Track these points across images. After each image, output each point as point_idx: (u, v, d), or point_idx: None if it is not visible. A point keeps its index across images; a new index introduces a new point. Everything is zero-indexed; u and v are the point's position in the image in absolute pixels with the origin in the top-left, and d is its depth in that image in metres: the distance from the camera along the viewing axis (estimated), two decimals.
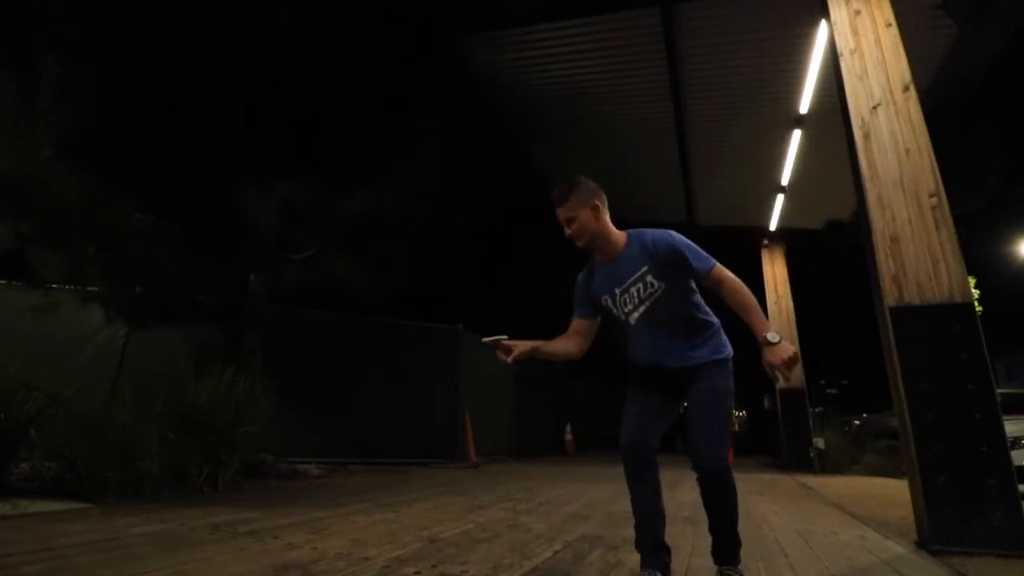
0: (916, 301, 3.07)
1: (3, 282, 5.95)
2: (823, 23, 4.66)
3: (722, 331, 2.02)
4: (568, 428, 13.21)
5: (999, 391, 2.93)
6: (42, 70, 4.09)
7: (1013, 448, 3.17)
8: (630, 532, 2.93)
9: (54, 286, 5.25)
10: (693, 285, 1.98)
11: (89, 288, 5.46)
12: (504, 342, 1.91)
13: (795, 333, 9.98)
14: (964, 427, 2.79)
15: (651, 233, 1.95)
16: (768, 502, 4.37)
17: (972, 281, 3.89)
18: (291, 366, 6.68)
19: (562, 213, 1.97)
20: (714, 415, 1.86)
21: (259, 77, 5.03)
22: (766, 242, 10.70)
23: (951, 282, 3.05)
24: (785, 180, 8.45)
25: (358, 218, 5.58)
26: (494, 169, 7.14)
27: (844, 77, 3.65)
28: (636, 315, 1.96)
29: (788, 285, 10.42)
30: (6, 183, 4.09)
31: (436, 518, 3.20)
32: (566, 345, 2.05)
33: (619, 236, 2.00)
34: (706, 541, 2.47)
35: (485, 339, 1.92)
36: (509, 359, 1.91)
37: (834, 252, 13.00)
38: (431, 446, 7.79)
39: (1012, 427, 4.25)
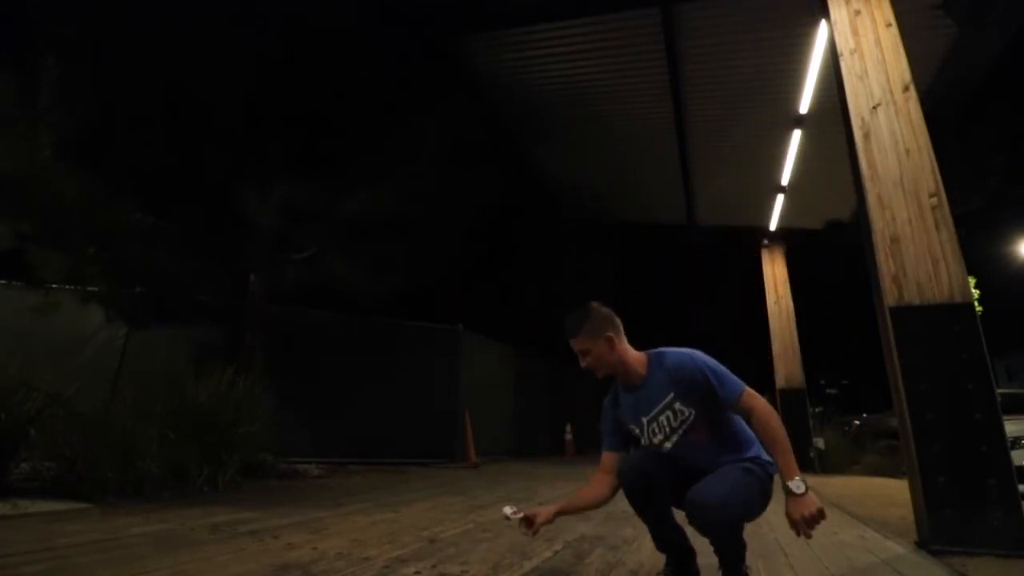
0: (916, 301, 3.07)
1: (3, 282, 5.95)
2: (823, 23, 4.66)
3: (761, 448, 1.82)
4: (568, 428, 13.19)
5: (999, 391, 2.93)
6: (42, 70, 4.09)
7: (1013, 448, 3.18)
8: (630, 532, 2.94)
9: (54, 286, 5.25)
10: (726, 411, 1.82)
11: (89, 288, 5.46)
12: (526, 514, 1.87)
13: (795, 333, 9.97)
14: (964, 427, 2.79)
15: (672, 356, 1.83)
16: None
17: (972, 281, 3.89)
18: (291, 366, 6.67)
19: (575, 346, 1.88)
20: (729, 474, 1.71)
21: (259, 77, 5.02)
22: (766, 242, 10.69)
23: (951, 282, 3.05)
24: (785, 180, 8.45)
25: (358, 218, 5.58)
26: (494, 169, 7.14)
27: (844, 77, 3.65)
28: (669, 445, 1.83)
29: (788, 285, 10.41)
30: (6, 183, 4.09)
31: (436, 518, 3.20)
32: (595, 492, 1.94)
33: (639, 361, 1.87)
34: (705, 541, 2.47)
35: (506, 512, 1.90)
36: (532, 532, 1.87)
37: (834, 252, 13.00)
38: (431, 446, 7.79)
39: (1012, 427, 4.25)
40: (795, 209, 9.50)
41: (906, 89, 3.48)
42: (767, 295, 10.48)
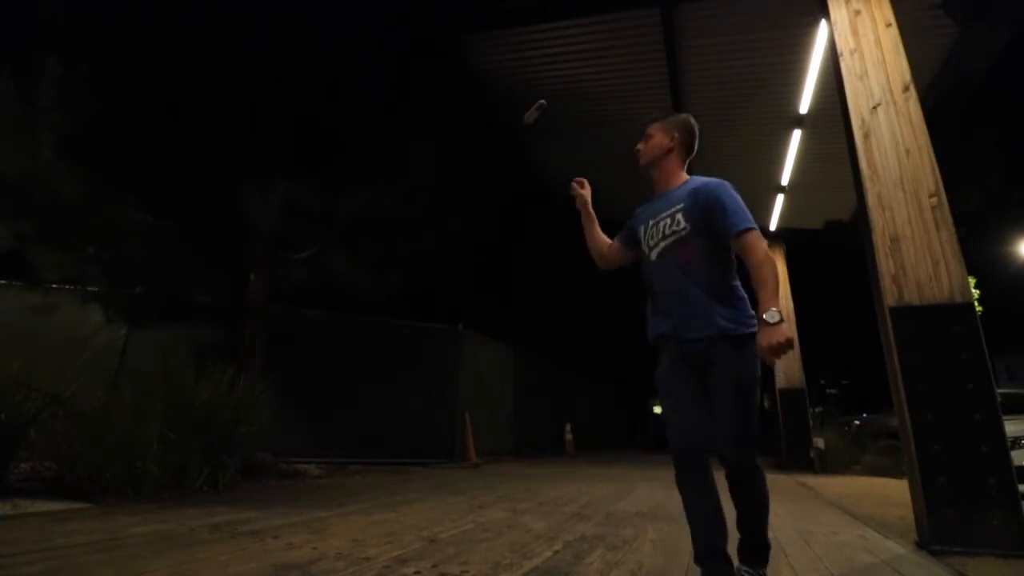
0: (916, 301, 3.07)
1: (3, 282, 5.95)
2: (823, 23, 4.66)
3: (749, 306, 1.80)
4: (568, 428, 13.20)
5: (999, 391, 2.93)
6: (42, 70, 4.09)
7: (1013, 448, 3.17)
8: (630, 532, 2.94)
9: (54, 286, 5.25)
10: (728, 249, 1.82)
11: (89, 288, 5.46)
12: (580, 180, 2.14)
13: (795, 333, 9.98)
14: (964, 427, 2.79)
15: (709, 180, 1.87)
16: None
17: (972, 281, 3.89)
18: (291, 366, 6.67)
19: (647, 128, 2.02)
20: (735, 412, 1.70)
21: (259, 77, 5.03)
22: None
23: (951, 282, 3.05)
24: (785, 180, 8.45)
25: (358, 218, 5.58)
26: (494, 169, 7.14)
27: (844, 77, 3.65)
28: (656, 251, 1.89)
29: (788, 285, 10.42)
30: (6, 183, 4.09)
31: (436, 518, 3.20)
32: (601, 238, 2.19)
33: (678, 176, 1.97)
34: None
35: (532, 112, 2.10)
36: (583, 191, 2.16)
37: (834, 252, 13.00)
38: (431, 446, 7.79)
39: (1012, 427, 4.25)
40: (795, 209, 9.50)
41: (906, 89, 3.48)
42: None
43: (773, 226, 10.11)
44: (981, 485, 2.69)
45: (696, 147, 2.01)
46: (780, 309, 1.61)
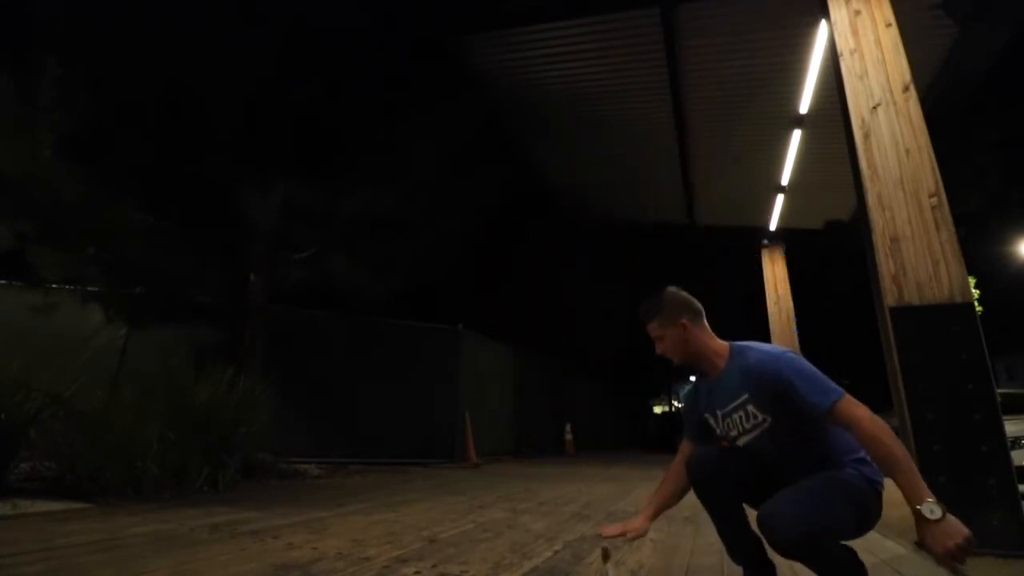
0: (916, 301, 3.07)
1: (3, 282, 5.95)
2: (823, 23, 4.66)
3: (870, 465, 1.55)
4: (568, 428, 13.20)
5: (999, 391, 2.93)
6: (42, 70, 4.09)
7: (1013, 448, 3.17)
8: None
9: (54, 286, 5.25)
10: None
11: (89, 288, 5.46)
12: (621, 531, 1.74)
13: (795, 333, 9.97)
14: (964, 427, 2.79)
15: (755, 353, 1.63)
16: None
17: (972, 281, 3.88)
18: (291, 366, 6.67)
19: (650, 331, 1.79)
20: (810, 483, 1.47)
21: (259, 77, 5.03)
22: (766, 242, 10.70)
23: (951, 282, 3.05)
24: (785, 180, 8.45)
25: (358, 218, 5.58)
26: (494, 169, 7.14)
27: (844, 77, 3.65)
28: (742, 441, 1.70)
29: (788, 285, 10.42)
30: (6, 183, 4.09)
31: (436, 518, 3.20)
32: (676, 485, 1.82)
33: (720, 350, 1.73)
34: (706, 540, 2.47)
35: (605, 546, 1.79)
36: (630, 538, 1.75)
37: (834, 252, 13.00)
38: (431, 446, 7.79)
39: (1012, 427, 4.25)
40: (795, 209, 9.50)
41: (906, 89, 3.48)
42: (767, 295, 10.49)
43: (773, 226, 10.11)
44: (981, 485, 2.68)
45: (700, 308, 1.77)
46: (938, 502, 1.35)
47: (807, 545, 1.39)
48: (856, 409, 1.42)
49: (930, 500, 1.33)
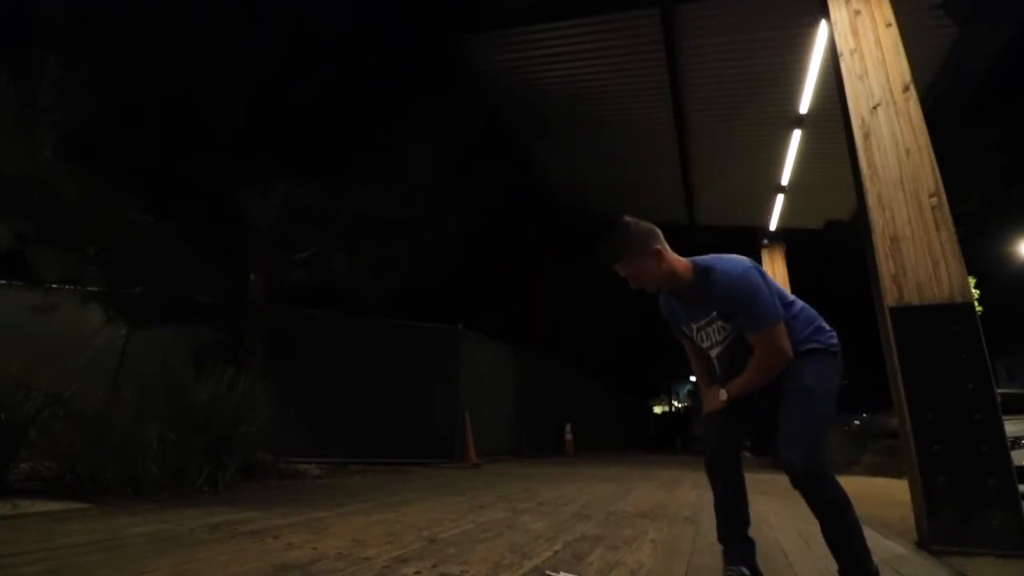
0: (916, 301, 3.07)
1: (3, 282, 5.95)
2: (823, 23, 4.66)
3: (821, 322, 1.84)
4: (568, 428, 13.20)
5: (999, 391, 2.93)
6: (42, 70, 4.09)
7: (1013, 448, 3.17)
8: (630, 532, 2.94)
9: (54, 286, 5.25)
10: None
11: (89, 288, 5.46)
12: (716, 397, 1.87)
13: None
14: (964, 427, 2.79)
15: (716, 273, 1.74)
16: (768, 502, 4.37)
17: (972, 281, 3.89)
18: (291, 366, 6.67)
19: (620, 270, 1.78)
20: (795, 414, 1.69)
21: (259, 77, 5.03)
22: (766, 242, 10.70)
23: (951, 282, 3.05)
24: (785, 180, 8.46)
25: (358, 218, 5.58)
26: (494, 169, 7.14)
27: (844, 77, 3.65)
28: (716, 351, 1.89)
29: (788, 285, 10.42)
30: (6, 183, 4.09)
31: (436, 518, 3.20)
32: (709, 366, 1.98)
33: (686, 264, 1.80)
34: (706, 540, 2.47)
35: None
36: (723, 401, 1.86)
37: (834, 252, 13.00)
38: (431, 446, 7.79)
39: (1012, 427, 4.25)
40: (795, 209, 9.51)
41: (906, 89, 3.48)
42: None
43: (773, 226, 10.11)
44: (981, 485, 2.69)
45: (659, 232, 1.80)
46: (732, 394, 1.78)
47: (814, 476, 1.65)
48: (765, 344, 1.70)
49: (725, 391, 1.79)
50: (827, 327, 1.84)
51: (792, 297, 1.88)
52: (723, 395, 1.80)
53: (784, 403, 1.72)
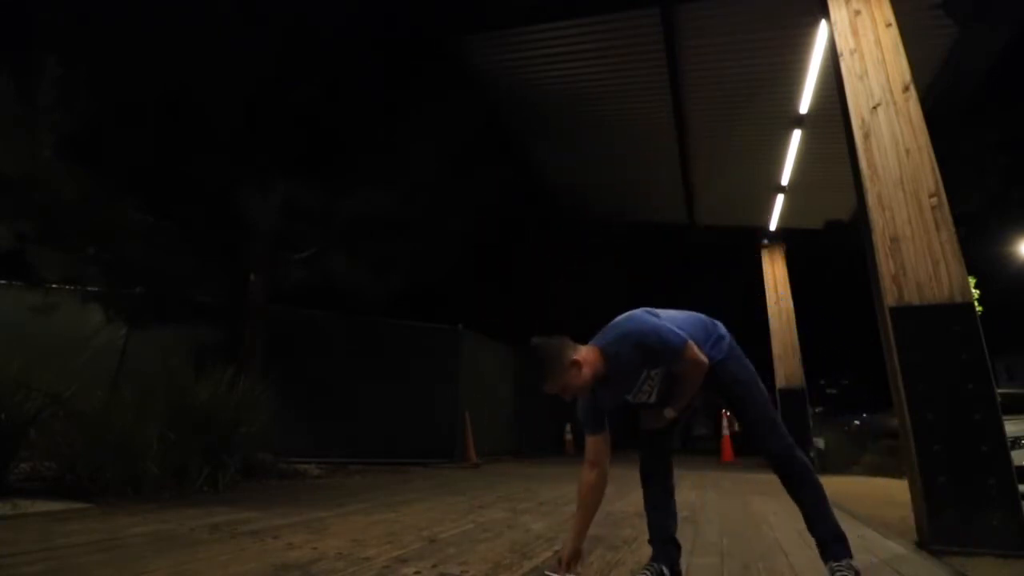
0: (916, 301, 3.07)
1: (3, 282, 5.95)
2: (823, 23, 4.66)
3: (708, 331, 2.03)
4: (568, 428, 13.19)
5: (999, 391, 2.93)
6: (42, 70, 4.09)
7: (1013, 448, 3.17)
8: (630, 532, 2.94)
9: (54, 286, 5.25)
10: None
11: (89, 288, 5.46)
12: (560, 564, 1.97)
13: (795, 333, 9.97)
14: (964, 427, 2.79)
15: (619, 336, 1.89)
16: (768, 502, 4.37)
17: (972, 281, 3.88)
18: (291, 366, 6.67)
19: (554, 391, 1.88)
20: (748, 410, 1.96)
21: (259, 77, 5.03)
22: (766, 242, 10.70)
23: (951, 282, 3.05)
24: (785, 180, 8.45)
25: (358, 218, 5.58)
26: (494, 169, 7.14)
27: (844, 77, 3.65)
28: (654, 397, 2.02)
29: (788, 285, 10.42)
30: (6, 183, 4.09)
31: (436, 518, 3.20)
32: (596, 495, 2.00)
33: (599, 359, 1.90)
34: (706, 540, 2.47)
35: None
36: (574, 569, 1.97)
37: (834, 252, 12.99)
38: (431, 446, 7.79)
39: (1012, 427, 4.25)
40: (795, 209, 9.50)
41: (906, 89, 3.48)
42: (767, 295, 10.49)
43: (773, 226, 10.11)
44: (981, 485, 2.69)
45: (568, 340, 1.92)
46: (677, 409, 1.98)
47: (788, 454, 1.93)
48: (690, 355, 1.85)
49: (667, 411, 1.99)
50: (713, 333, 2.01)
51: (680, 319, 2.02)
52: (669, 413, 1.98)
53: (733, 401, 1.99)
